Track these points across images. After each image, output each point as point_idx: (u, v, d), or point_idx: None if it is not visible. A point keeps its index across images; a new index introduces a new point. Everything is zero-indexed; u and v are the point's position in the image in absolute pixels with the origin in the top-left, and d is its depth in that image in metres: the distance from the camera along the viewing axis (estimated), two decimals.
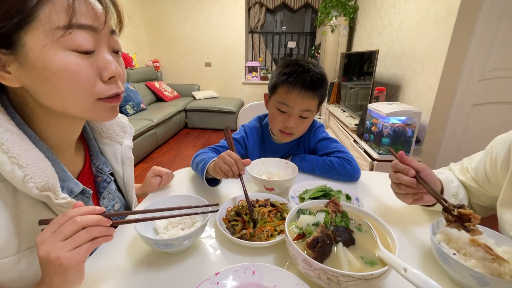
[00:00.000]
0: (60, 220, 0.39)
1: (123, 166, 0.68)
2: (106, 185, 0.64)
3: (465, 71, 1.75)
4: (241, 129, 1.03)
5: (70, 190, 0.51)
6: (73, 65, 0.40)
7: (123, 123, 0.71)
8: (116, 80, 0.47)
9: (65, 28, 0.38)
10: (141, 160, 3.03)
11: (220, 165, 0.70)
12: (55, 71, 0.39)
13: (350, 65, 3.03)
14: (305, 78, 0.83)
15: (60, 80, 0.40)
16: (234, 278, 0.45)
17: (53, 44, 0.39)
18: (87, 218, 0.39)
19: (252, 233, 0.57)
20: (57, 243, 0.37)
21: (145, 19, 4.42)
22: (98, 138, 0.65)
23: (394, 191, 0.63)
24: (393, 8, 2.57)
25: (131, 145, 0.71)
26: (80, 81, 0.42)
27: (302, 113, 0.87)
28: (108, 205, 0.64)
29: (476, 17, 1.64)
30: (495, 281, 0.41)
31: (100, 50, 0.44)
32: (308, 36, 4.60)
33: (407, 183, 0.58)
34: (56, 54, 0.39)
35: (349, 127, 2.57)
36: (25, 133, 0.45)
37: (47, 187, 0.43)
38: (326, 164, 0.88)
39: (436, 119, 1.92)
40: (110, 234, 0.42)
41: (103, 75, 0.44)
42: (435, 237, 0.52)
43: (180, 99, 4.36)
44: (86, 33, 0.41)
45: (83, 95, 0.43)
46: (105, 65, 0.44)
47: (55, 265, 0.37)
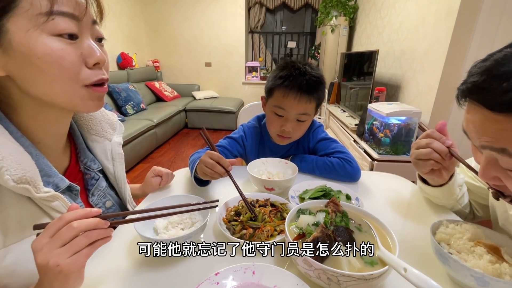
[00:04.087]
0: (56, 224, 0.38)
1: (113, 162, 0.67)
2: (95, 182, 0.63)
3: (465, 71, 1.74)
4: (240, 128, 1.03)
5: (56, 185, 0.51)
6: (58, 50, 0.42)
7: (112, 120, 0.71)
8: (100, 67, 0.48)
9: (47, 14, 0.40)
10: (141, 160, 3.03)
11: (203, 169, 0.69)
12: (40, 55, 0.41)
13: (350, 65, 3.03)
14: (301, 82, 0.82)
15: (45, 65, 0.41)
16: (234, 278, 0.45)
17: (36, 29, 0.40)
18: (84, 222, 0.38)
19: (251, 234, 0.57)
20: (55, 249, 0.36)
21: (145, 19, 4.42)
22: (86, 135, 0.65)
23: (416, 158, 0.60)
24: (393, 8, 2.57)
25: (121, 141, 0.70)
26: (65, 66, 0.43)
27: (299, 116, 0.87)
28: (98, 202, 0.63)
29: (476, 17, 1.64)
30: (495, 281, 0.41)
31: (83, 38, 0.45)
32: (308, 36, 4.60)
33: (437, 149, 0.56)
34: (40, 39, 0.40)
35: (349, 127, 2.57)
36: (6, 128, 0.45)
37: (24, 179, 0.43)
38: (326, 164, 0.88)
39: (436, 119, 1.92)
40: (109, 235, 0.41)
41: (88, 61, 0.45)
42: (435, 237, 0.52)
43: (180, 99, 4.36)
44: (69, 20, 0.42)
45: (69, 80, 0.44)
46: (89, 52, 0.45)
47: (55, 272, 0.36)
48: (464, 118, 0.44)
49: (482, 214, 0.73)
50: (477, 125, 0.40)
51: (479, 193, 0.70)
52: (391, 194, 0.80)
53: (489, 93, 0.36)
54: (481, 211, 0.73)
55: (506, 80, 0.34)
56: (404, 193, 0.82)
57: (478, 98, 0.38)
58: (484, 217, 0.73)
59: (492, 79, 0.36)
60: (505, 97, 0.34)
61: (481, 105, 0.38)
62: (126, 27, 3.91)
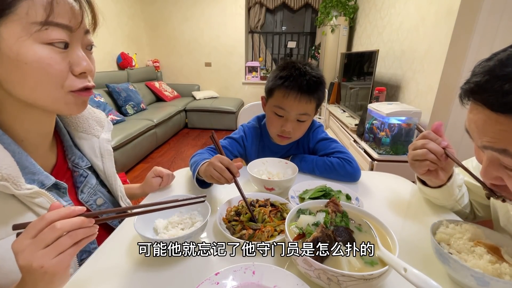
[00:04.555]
0: (38, 225, 0.36)
1: (103, 159, 0.67)
2: (83, 180, 0.63)
3: (465, 71, 1.75)
4: (240, 129, 1.03)
5: (41, 182, 0.51)
6: (46, 58, 0.42)
7: (100, 118, 0.71)
8: (86, 75, 0.49)
9: (41, 24, 0.40)
10: (141, 160, 3.03)
11: (211, 172, 0.68)
12: (28, 61, 0.41)
13: (350, 65, 3.03)
14: (301, 82, 0.82)
15: (32, 70, 0.42)
16: (234, 278, 0.45)
17: (29, 37, 0.40)
18: (68, 223, 0.37)
19: (251, 234, 0.57)
20: (38, 251, 0.35)
21: (145, 19, 4.42)
22: (73, 133, 0.65)
23: (413, 159, 0.61)
24: (393, 8, 2.57)
25: (109, 138, 0.70)
26: (52, 73, 0.43)
27: (299, 117, 0.87)
28: (89, 199, 0.63)
29: (476, 17, 1.64)
30: (495, 281, 0.41)
31: (73, 47, 0.46)
32: (308, 36, 4.60)
33: (433, 150, 0.57)
34: (31, 46, 0.40)
35: (349, 127, 2.57)
36: None
37: (0, 176, 0.43)
38: (326, 164, 0.88)
39: (436, 119, 1.92)
40: (94, 233, 0.41)
41: (74, 70, 0.46)
42: (435, 237, 0.52)
43: (180, 99, 4.36)
44: (62, 30, 0.43)
45: (54, 86, 0.45)
46: (77, 61, 0.46)
47: (40, 273, 0.35)
48: (467, 117, 0.44)
49: (483, 214, 0.73)
50: (479, 124, 0.40)
51: (480, 193, 0.70)
52: (391, 194, 0.80)
53: (491, 94, 0.36)
54: (481, 211, 0.73)
55: (509, 81, 0.34)
56: (404, 193, 0.82)
57: (480, 98, 0.38)
58: (485, 217, 0.73)
59: (495, 79, 0.36)
60: (507, 98, 0.34)
61: (483, 105, 0.38)
62: (126, 27, 3.91)
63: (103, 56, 3.42)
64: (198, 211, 0.64)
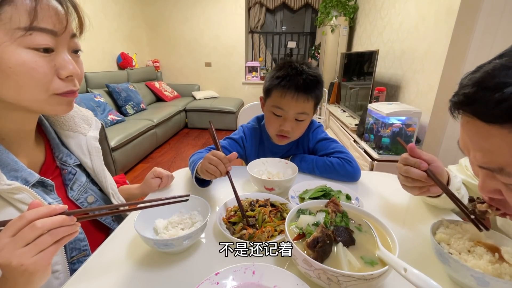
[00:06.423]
0: (17, 224, 0.36)
1: (91, 156, 0.67)
2: (72, 177, 0.63)
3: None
4: (240, 129, 1.03)
5: (25, 179, 0.51)
6: (31, 62, 0.42)
7: (87, 116, 0.71)
8: (72, 79, 0.49)
9: (25, 29, 0.40)
10: (141, 160, 3.03)
11: (206, 166, 0.69)
12: (12, 66, 0.41)
13: (350, 65, 3.03)
14: (298, 81, 0.82)
15: (16, 74, 0.42)
16: (234, 278, 0.45)
17: (12, 42, 0.40)
18: (48, 221, 0.37)
19: (251, 234, 0.57)
20: (18, 249, 0.35)
21: (145, 19, 4.42)
22: (59, 131, 0.65)
23: (402, 183, 0.62)
24: (393, 8, 2.57)
25: (97, 135, 0.70)
26: (37, 77, 0.43)
27: (297, 116, 0.87)
28: (79, 197, 0.63)
29: (476, 17, 1.64)
30: (495, 281, 0.41)
31: (59, 51, 0.45)
32: (308, 36, 4.60)
33: (416, 176, 0.57)
34: (14, 51, 0.40)
35: (349, 127, 2.57)
36: None
37: None
38: (326, 164, 0.88)
39: (436, 119, 1.92)
40: (76, 230, 0.40)
41: (60, 73, 0.46)
42: (435, 237, 0.52)
43: (180, 99, 4.37)
44: (46, 35, 0.42)
45: (39, 89, 0.45)
46: (63, 65, 0.46)
47: (20, 270, 0.35)
48: (460, 135, 0.44)
49: None
50: (471, 137, 0.40)
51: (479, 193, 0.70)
52: (391, 194, 0.80)
53: (481, 105, 0.36)
54: None
55: (498, 91, 0.33)
56: (404, 193, 0.81)
57: (470, 110, 0.38)
58: None
59: (484, 90, 0.35)
60: (497, 108, 0.34)
61: (474, 117, 0.38)
62: (126, 27, 3.91)
63: (103, 56, 3.42)
64: (198, 211, 0.64)
